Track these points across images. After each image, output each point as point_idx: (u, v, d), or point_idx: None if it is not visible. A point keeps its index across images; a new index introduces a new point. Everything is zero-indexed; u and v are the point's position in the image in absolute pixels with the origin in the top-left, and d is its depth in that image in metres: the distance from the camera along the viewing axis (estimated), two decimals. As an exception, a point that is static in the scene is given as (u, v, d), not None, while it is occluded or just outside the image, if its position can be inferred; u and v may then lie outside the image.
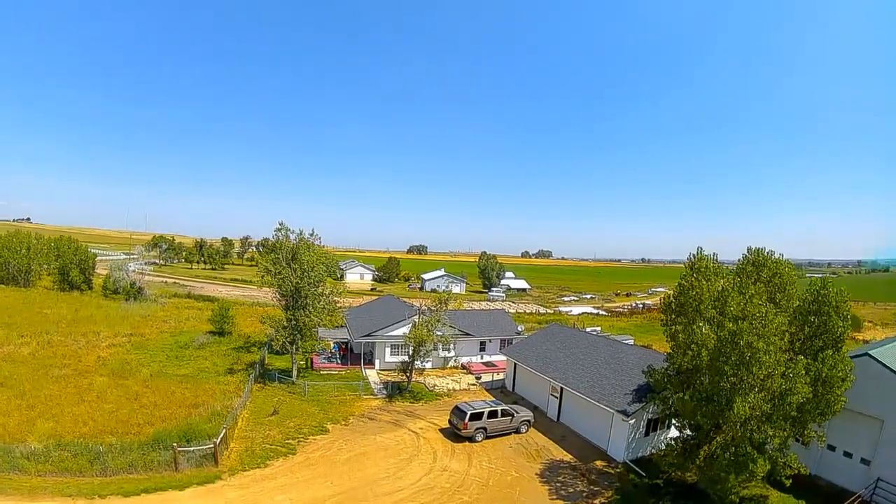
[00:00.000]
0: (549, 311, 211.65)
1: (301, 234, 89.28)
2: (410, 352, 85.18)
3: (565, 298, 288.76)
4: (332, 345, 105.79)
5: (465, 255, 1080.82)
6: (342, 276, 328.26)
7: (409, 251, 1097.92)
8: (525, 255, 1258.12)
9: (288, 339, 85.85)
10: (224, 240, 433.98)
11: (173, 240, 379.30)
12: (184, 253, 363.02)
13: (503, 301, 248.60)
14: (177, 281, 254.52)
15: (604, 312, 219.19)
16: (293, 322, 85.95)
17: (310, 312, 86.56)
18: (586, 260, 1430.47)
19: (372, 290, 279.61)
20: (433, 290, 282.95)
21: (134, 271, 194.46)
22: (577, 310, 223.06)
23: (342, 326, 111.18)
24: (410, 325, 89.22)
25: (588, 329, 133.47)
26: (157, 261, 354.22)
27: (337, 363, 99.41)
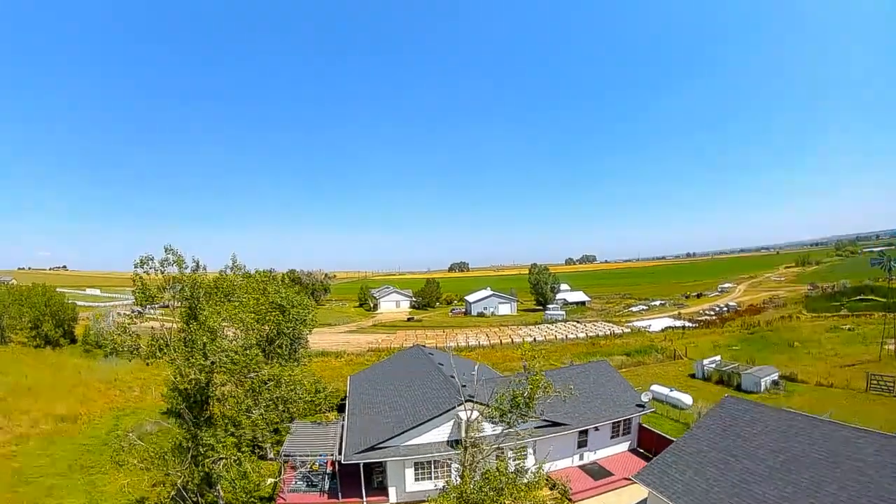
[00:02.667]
0: (622, 328, 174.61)
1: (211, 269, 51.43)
2: (457, 473, 40.41)
3: (633, 309, 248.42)
4: (318, 459, 60.14)
5: (508, 269, 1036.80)
6: (376, 307, 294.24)
7: (451, 269, 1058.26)
8: (569, 261, 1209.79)
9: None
10: (245, 275, 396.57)
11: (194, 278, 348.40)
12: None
13: (564, 320, 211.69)
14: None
15: (689, 323, 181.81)
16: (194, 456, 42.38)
17: (238, 429, 43.46)
18: (630, 261, 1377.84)
19: (409, 319, 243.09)
20: (480, 314, 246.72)
21: (118, 319, 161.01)
22: (654, 323, 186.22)
23: (330, 423, 66.49)
24: (454, 423, 54.87)
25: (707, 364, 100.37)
26: (174, 303, 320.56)
27: (321, 494, 56.63)
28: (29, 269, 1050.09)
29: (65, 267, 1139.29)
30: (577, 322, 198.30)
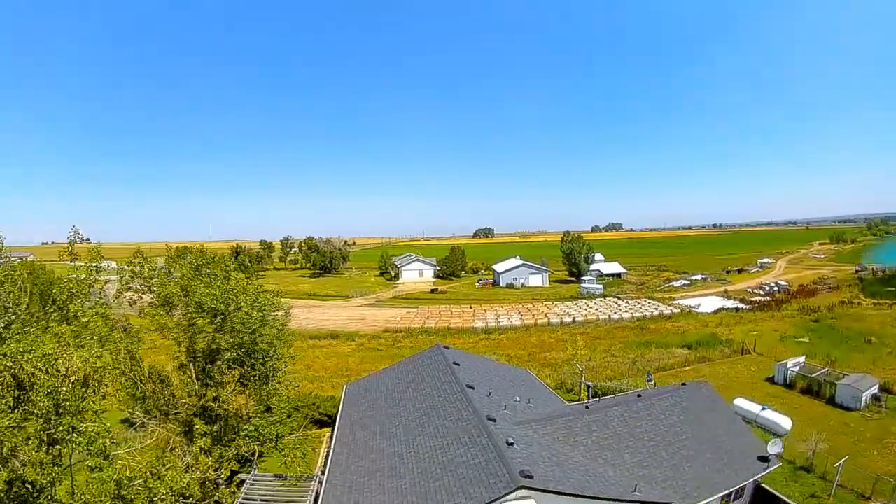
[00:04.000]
0: (669, 307, 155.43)
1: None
2: None
3: (675, 284, 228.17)
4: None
5: (534, 236, 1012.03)
6: (397, 276, 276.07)
7: (475, 235, 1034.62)
8: (595, 229, 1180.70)
9: None
10: (262, 243, 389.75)
11: (202, 248, 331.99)
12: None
13: (602, 295, 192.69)
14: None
15: (742, 304, 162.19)
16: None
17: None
18: (655, 230, 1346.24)
19: (432, 291, 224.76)
20: (509, 286, 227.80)
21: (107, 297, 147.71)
22: (703, 302, 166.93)
23: (300, 482, 43.75)
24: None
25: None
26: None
27: None
28: (53, 243, 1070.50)
29: (89, 240, 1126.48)
30: (618, 298, 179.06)
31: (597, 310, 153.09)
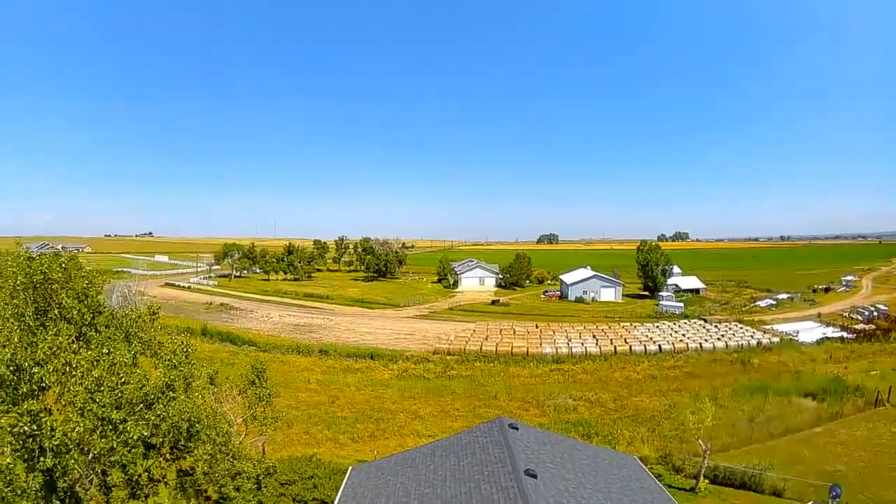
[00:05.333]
0: (765, 335, 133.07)
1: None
2: None
3: (760, 304, 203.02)
4: None
5: (599, 244, 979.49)
6: (456, 283, 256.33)
7: (539, 241, 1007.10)
8: (662, 238, 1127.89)
9: None
10: (316, 242, 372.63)
11: (252, 246, 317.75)
12: (266, 260, 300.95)
13: (683, 314, 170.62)
14: (225, 302, 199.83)
15: (847, 334, 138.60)
16: None
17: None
18: (722, 241, 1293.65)
19: (493, 302, 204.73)
20: (578, 300, 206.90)
21: (130, 295, 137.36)
22: (800, 328, 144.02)
23: None
24: None
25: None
26: (234, 273, 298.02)
27: None
28: (115, 235, 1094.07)
29: (150, 233, 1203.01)
30: (705, 321, 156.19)
31: (683, 335, 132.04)
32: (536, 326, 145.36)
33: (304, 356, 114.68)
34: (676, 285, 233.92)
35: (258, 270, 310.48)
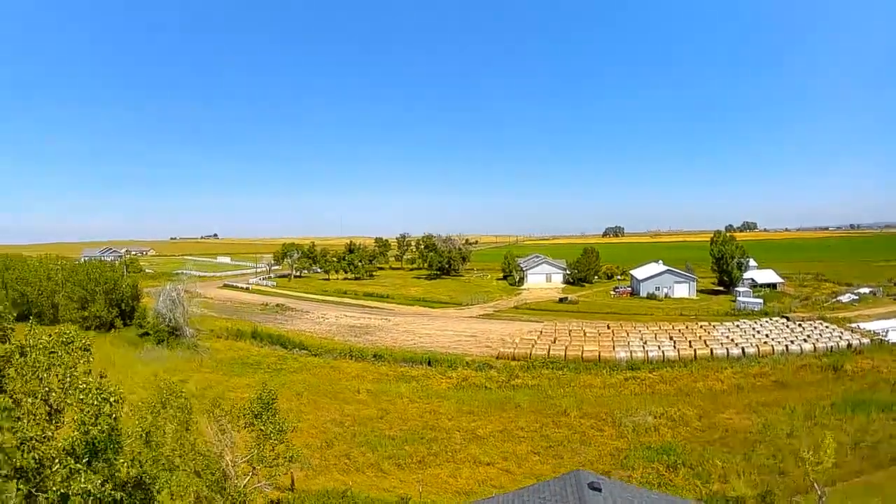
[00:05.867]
0: (854, 335, 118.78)
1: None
2: None
3: (841, 299, 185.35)
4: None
5: (666, 235, 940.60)
6: (522, 280, 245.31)
7: (605, 234, 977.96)
8: (730, 228, 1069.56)
9: None
10: (378, 240, 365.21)
11: (313, 245, 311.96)
12: (326, 259, 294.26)
13: (762, 311, 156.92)
14: (282, 303, 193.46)
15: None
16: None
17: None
18: (790, 230, 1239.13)
19: (561, 300, 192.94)
20: (651, 296, 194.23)
21: (178, 297, 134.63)
22: (888, 326, 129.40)
23: None
24: None
25: None
26: (293, 273, 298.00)
27: None
28: (179, 238, 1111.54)
29: (215, 235, 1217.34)
30: (787, 319, 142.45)
31: (766, 335, 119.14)
32: (608, 327, 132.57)
33: (356, 361, 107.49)
34: (752, 279, 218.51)
35: (319, 270, 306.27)
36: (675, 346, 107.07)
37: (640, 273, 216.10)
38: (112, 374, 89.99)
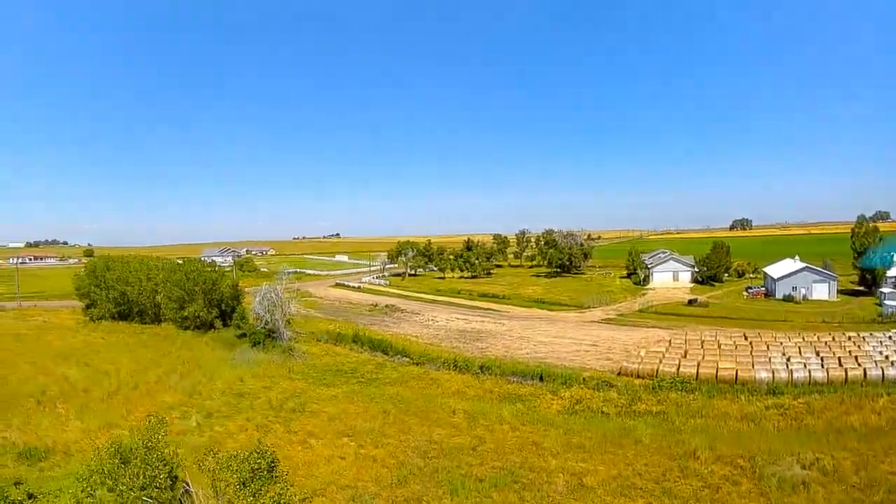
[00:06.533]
0: None
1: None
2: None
3: None
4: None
5: (795, 227, 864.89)
6: (646, 279, 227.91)
7: (732, 227, 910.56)
8: (862, 218, 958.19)
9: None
10: (496, 237, 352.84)
11: (429, 243, 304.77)
12: (442, 257, 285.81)
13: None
14: (392, 303, 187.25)
15: None
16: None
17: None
18: None
19: (690, 302, 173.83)
20: (787, 298, 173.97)
21: (277, 298, 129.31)
22: None
23: None
24: None
25: None
26: (408, 271, 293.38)
27: None
28: (304, 238, 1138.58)
29: (338, 234, 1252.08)
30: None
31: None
32: (745, 337, 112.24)
33: (460, 373, 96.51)
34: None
35: (434, 268, 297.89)
36: (822, 365, 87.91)
37: (774, 271, 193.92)
38: (197, 377, 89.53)
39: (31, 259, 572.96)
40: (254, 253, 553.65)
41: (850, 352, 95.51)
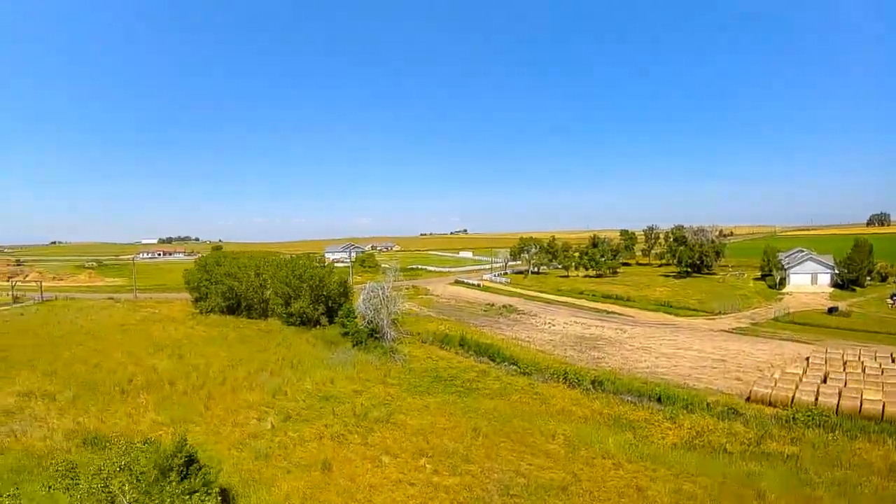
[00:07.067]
0: None
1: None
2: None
3: None
4: None
5: None
6: (782, 281, 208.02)
7: (869, 223, 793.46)
8: None
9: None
10: (623, 233, 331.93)
11: (553, 239, 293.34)
12: (566, 254, 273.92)
13: None
14: (510, 303, 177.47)
15: None
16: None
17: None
18: None
19: (831, 311, 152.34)
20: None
21: (382, 295, 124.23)
22: None
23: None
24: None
25: None
26: (530, 269, 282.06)
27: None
28: (430, 234, 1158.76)
29: (465, 230, 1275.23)
30: None
31: None
32: (893, 359, 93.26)
33: (569, 387, 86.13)
34: None
35: (558, 266, 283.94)
36: None
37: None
38: (287, 375, 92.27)
39: (160, 254, 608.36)
40: (379, 249, 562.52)
41: None
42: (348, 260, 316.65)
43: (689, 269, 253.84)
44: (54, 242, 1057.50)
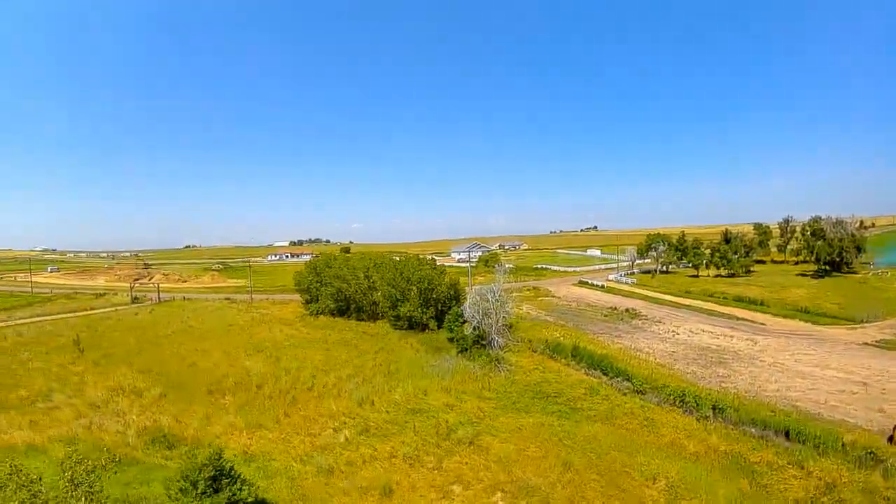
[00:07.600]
0: None
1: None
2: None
3: None
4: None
5: None
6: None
7: None
8: None
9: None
10: (757, 227, 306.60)
11: (682, 235, 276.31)
12: (696, 252, 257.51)
13: None
14: (633, 307, 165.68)
15: None
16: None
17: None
18: None
19: None
20: None
21: (493, 299, 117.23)
22: None
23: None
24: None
25: None
26: (658, 268, 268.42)
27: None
28: (560, 232, 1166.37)
29: (595, 227, 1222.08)
30: None
31: None
32: None
33: (684, 414, 75.50)
34: None
35: (688, 265, 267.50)
36: None
37: None
38: (378, 383, 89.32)
39: (287, 256, 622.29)
40: (506, 248, 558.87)
41: None
42: (474, 260, 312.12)
43: (826, 268, 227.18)
44: (188, 246, 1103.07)
